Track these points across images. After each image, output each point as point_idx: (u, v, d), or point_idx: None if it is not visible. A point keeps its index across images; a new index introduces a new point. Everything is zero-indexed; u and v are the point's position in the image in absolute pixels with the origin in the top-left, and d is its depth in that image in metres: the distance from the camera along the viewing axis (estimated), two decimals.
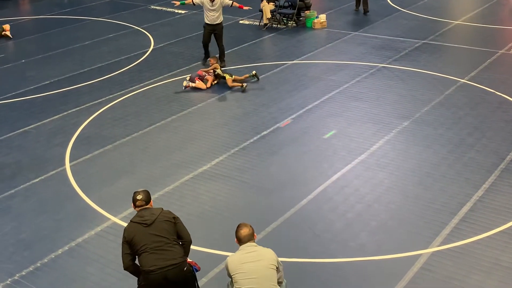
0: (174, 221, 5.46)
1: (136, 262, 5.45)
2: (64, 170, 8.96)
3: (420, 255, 6.63)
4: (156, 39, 15.56)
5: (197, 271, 5.65)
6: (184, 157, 9.15)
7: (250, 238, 5.30)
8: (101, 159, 9.23)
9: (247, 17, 17.25)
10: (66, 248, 7.11)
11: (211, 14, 12.64)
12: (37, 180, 8.72)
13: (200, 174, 8.62)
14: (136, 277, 5.52)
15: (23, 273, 6.70)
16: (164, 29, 16.48)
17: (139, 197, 5.50)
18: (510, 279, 6.19)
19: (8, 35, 16.30)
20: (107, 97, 11.67)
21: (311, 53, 13.80)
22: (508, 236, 6.87)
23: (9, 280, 6.60)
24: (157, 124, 10.36)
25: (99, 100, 11.54)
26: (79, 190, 8.38)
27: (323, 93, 11.34)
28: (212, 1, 12.47)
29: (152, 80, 12.51)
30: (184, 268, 5.37)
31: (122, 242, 5.40)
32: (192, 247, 6.78)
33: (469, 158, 8.65)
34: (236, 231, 5.33)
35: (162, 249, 5.30)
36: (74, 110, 11.16)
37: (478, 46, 13.57)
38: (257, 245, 5.33)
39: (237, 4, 12.96)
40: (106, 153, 9.43)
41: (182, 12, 16.52)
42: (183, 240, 5.51)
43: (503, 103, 10.46)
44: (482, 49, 13.36)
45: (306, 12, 16.29)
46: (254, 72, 12.12)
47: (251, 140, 9.57)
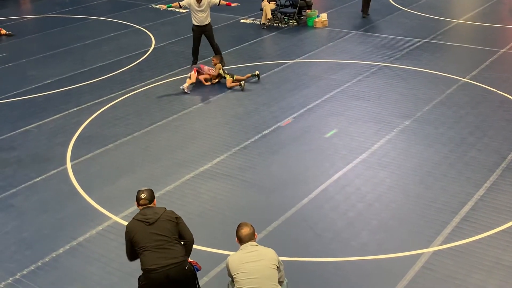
0: (177, 221, 5.46)
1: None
2: (65, 169, 8.97)
3: (421, 254, 6.62)
4: (157, 38, 15.57)
5: (198, 270, 5.65)
6: (185, 156, 9.15)
7: (251, 238, 5.29)
8: (102, 158, 9.24)
9: (248, 16, 17.25)
10: (68, 247, 7.11)
11: (200, 15, 12.51)
12: (38, 179, 8.73)
13: (201, 173, 8.62)
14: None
15: (25, 272, 6.71)
16: (165, 28, 16.49)
17: (142, 195, 5.51)
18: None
19: (6, 33, 16.35)
20: (108, 96, 11.68)
21: (312, 52, 13.80)
22: (510, 235, 6.86)
23: (11, 279, 6.61)
24: (158, 123, 10.37)
25: (100, 99, 11.55)
26: (80, 189, 8.38)
27: (324, 92, 11.34)
28: (199, 2, 12.37)
29: (153, 79, 12.51)
30: (185, 267, 5.37)
31: (125, 239, 5.44)
32: (193, 246, 6.80)
33: (471, 157, 8.64)
34: (237, 231, 5.32)
35: (163, 248, 5.29)
36: (75, 109, 11.17)
37: (479, 45, 13.56)
38: (258, 245, 5.32)
39: (225, 2, 12.89)
40: (107, 152, 9.44)
41: (183, 11, 16.51)
42: (185, 240, 5.51)
43: (504, 102, 10.45)
44: (483, 48, 13.34)
45: (307, 11, 16.29)
46: (257, 72, 12.10)
47: (252, 139, 9.57)
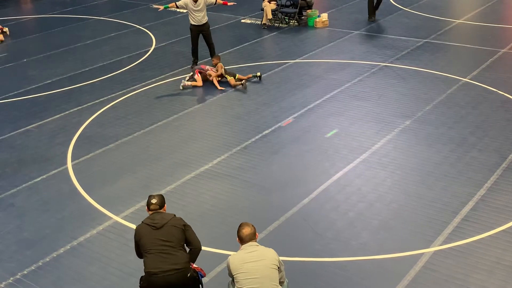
0: (184, 228, 5.47)
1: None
2: (66, 169, 8.97)
3: (422, 254, 6.62)
4: (157, 38, 15.57)
5: (202, 277, 5.64)
6: (186, 156, 9.15)
7: (252, 238, 5.29)
8: (103, 158, 9.24)
9: (249, 16, 17.25)
10: (68, 247, 7.12)
11: (197, 14, 12.51)
12: (39, 179, 8.73)
13: (201, 173, 8.62)
14: None
15: (25, 272, 6.71)
16: (165, 28, 16.49)
17: (153, 201, 5.55)
18: None
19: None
20: (109, 96, 11.68)
21: (313, 52, 13.79)
22: (510, 235, 6.86)
23: (11, 279, 6.61)
24: (158, 123, 10.37)
25: (101, 99, 11.55)
26: (81, 189, 8.39)
27: (325, 92, 11.34)
28: (196, 1, 12.38)
29: (153, 79, 12.51)
30: (188, 274, 5.38)
31: (134, 240, 5.54)
32: None
33: (471, 157, 8.63)
34: (238, 230, 5.32)
35: (167, 253, 5.33)
36: (76, 109, 11.17)
37: (480, 45, 13.55)
38: (259, 245, 5.32)
39: (221, 1, 12.90)
40: (108, 152, 9.44)
41: (184, 11, 16.50)
42: (192, 246, 5.53)
43: (505, 102, 10.44)
44: (484, 48, 13.33)
45: (308, 11, 16.28)
46: (259, 73, 12.09)
47: (253, 139, 9.57)
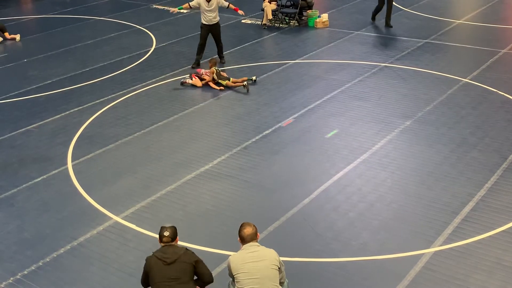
0: (195, 264, 5.42)
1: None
2: (66, 169, 8.97)
3: (422, 254, 6.62)
4: (158, 38, 15.57)
5: None
6: (186, 156, 9.15)
7: (253, 238, 5.30)
8: (103, 158, 9.24)
9: (249, 17, 17.25)
10: (68, 247, 7.12)
11: (209, 14, 12.68)
12: (39, 179, 8.73)
13: (202, 173, 8.62)
14: None
15: (25, 272, 6.71)
16: (166, 29, 16.49)
17: (166, 233, 5.46)
18: None
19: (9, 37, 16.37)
20: (109, 97, 11.68)
21: (313, 52, 13.79)
22: (511, 236, 6.86)
23: (12, 279, 6.61)
24: (159, 124, 10.37)
25: (101, 100, 11.55)
26: (81, 189, 8.39)
27: (325, 92, 11.34)
28: (208, 2, 12.54)
29: (154, 80, 12.51)
30: None
31: (143, 269, 5.52)
32: (194, 246, 6.82)
33: (472, 158, 8.63)
34: (240, 230, 5.33)
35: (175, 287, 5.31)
36: (76, 109, 11.17)
37: (480, 46, 13.55)
38: (260, 245, 5.32)
39: (233, 7, 13.05)
40: (108, 152, 9.44)
41: (184, 11, 16.51)
42: (204, 280, 5.49)
43: (505, 103, 10.44)
44: (484, 49, 13.33)
45: (308, 11, 16.28)
46: (254, 77, 12.02)
47: (253, 140, 9.57)
